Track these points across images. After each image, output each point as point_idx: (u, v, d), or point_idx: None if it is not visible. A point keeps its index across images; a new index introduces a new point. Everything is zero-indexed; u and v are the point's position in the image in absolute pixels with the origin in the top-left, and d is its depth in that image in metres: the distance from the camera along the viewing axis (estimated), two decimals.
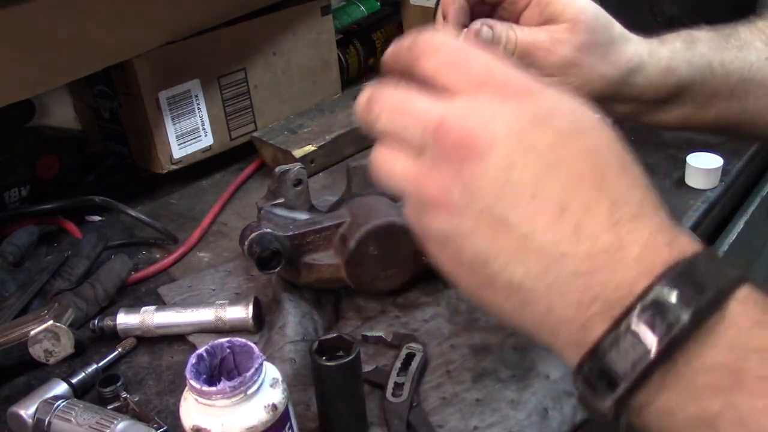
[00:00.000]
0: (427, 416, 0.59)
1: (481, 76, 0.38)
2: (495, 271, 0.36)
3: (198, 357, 0.51)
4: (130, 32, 0.86)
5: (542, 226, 0.35)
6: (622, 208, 0.35)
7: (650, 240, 0.34)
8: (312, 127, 1.01)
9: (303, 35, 1.05)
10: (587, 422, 0.61)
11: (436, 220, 0.38)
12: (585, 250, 0.34)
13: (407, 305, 0.72)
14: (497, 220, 0.36)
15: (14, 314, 0.72)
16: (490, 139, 0.36)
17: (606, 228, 0.34)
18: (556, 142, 0.36)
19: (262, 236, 0.67)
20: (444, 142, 0.37)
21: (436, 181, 0.37)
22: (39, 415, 0.59)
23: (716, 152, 0.88)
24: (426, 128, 0.38)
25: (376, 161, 0.41)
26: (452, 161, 0.36)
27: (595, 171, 0.36)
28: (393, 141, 0.40)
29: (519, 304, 0.36)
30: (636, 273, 0.33)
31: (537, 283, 0.35)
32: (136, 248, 0.87)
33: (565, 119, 0.37)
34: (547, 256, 0.35)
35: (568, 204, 0.35)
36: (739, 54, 0.60)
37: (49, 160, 0.96)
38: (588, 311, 0.34)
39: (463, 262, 0.38)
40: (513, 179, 0.35)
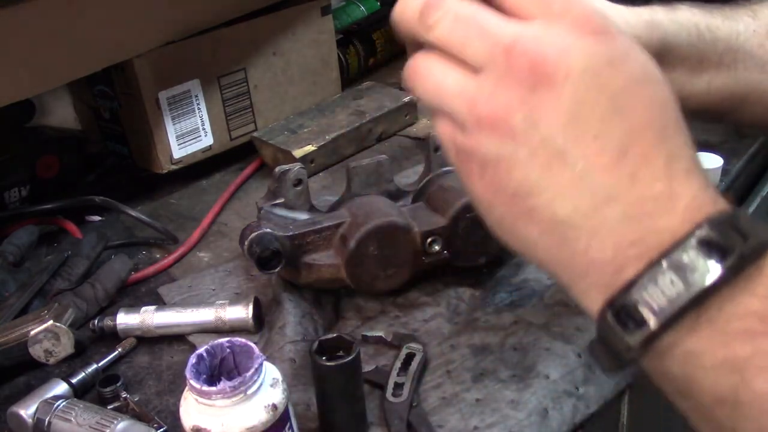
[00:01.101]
0: (427, 416, 0.59)
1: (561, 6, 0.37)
2: (540, 203, 0.36)
3: (198, 357, 0.51)
4: (130, 32, 0.86)
5: (600, 167, 0.35)
6: (677, 161, 0.35)
7: (698, 194, 0.35)
8: (312, 127, 1.01)
9: (303, 35, 1.05)
10: (587, 422, 0.61)
11: (487, 141, 0.37)
12: (637, 194, 0.34)
13: (407, 305, 0.72)
14: (556, 152, 0.35)
15: (14, 314, 0.72)
16: (566, 70, 0.35)
17: (661, 177, 0.34)
18: (627, 87, 0.35)
19: (262, 236, 0.67)
20: (516, 63, 0.35)
21: (497, 100, 0.36)
22: (39, 415, 0.59)
23: (716, 152, 0.88)
24: (495, 45, 0.36)
25: (418, 71, 0.39)
26: (521, 84, 0.35)
27: (659, 122, 0.36)
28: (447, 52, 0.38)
29: (556, 240, 0.36)
30: (681, 221, 0.34)
31: (583, 221, 0.35)
32: (136, 248, 0.87)
33: (637, 67, 0.37)
34: (599, 195, 0.35)
35: (628, 150, 0.35)
36: (725, 22, 0.59)
37: (49, 160, 0.96)
38: (626, 253, 0.34)
39: (505, 190, 0.37)
40: (581, 115, 0.35)
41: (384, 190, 0.76)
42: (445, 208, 0.70)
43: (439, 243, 0.70)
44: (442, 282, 0.74)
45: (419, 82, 0.39)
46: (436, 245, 0.70)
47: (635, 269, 0.34)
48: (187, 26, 0.92)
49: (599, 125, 0.35)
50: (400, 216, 0.70)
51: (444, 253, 0.70)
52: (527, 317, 0.68)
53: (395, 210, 0.71)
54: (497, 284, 0.74)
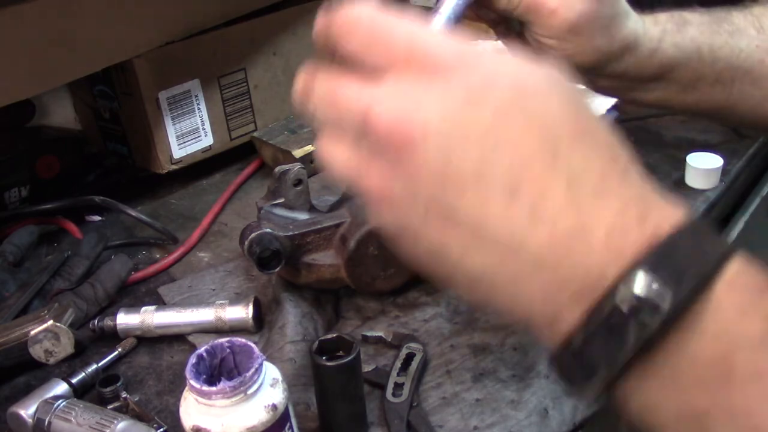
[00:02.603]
0: (427, 416, 0.59)
1: (404, 52, 0.34)
2: (453, 263, 0.34)
3: (198, 357, 0.51)
4: (130, 32, 0.86)
5: (493, 215, 0.32)
6: (580, 184, 0.31)
7: (618, 219, 0.31)
8: (312, 127, 1.01)
9: (303, 35, 1.05)
10: (587, 422, 0.61)
11: (386, 215, 0.35)
12: (545, 236, 0.31)
13: (407, 305, 0.72)
14: (445, 211, 0.33)
15: (14, 314, 0.72)
16: (422, 127, 0.32)
17: (565, 210, 0.31)
18: (495, 121, 0.32)
19: (262, 236, 0.67)
20: (375, 133, 0.33)
21: (376, 173, 0.34)
22: (39, 415, 0.59)
23: (716, 152, 0.88)
24: (356, 117, 0.34)
25: (319, 151, 0.37)
26: (387, 152, 0.33)
27: (546, 144, 0.32)
28: (332, 129, 0.36)
29: (484, 294, 0.34)
30: (606, 259, 0.30)
31: (497, 275, 0.33)
32: (136, 248, 0.87)
33: (505, 90, 0.33)
34: (504, 245, 0.32)
35: (518, 187, 0.31)
36: (729, 40, 0.58)
37: (49, 160, 0.96)
38: (556, 302, 0.32)
39: (422, 257, 0.35)
40: (453, 167, 0.32)
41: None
42: None
43: None
44: None
45: (323, 161, 0.38)
46: None
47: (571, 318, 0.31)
48: (187, 26, 0.92)
49: (478, 169, 0.32)
50: None
51: None
52: None
53: None
54: None
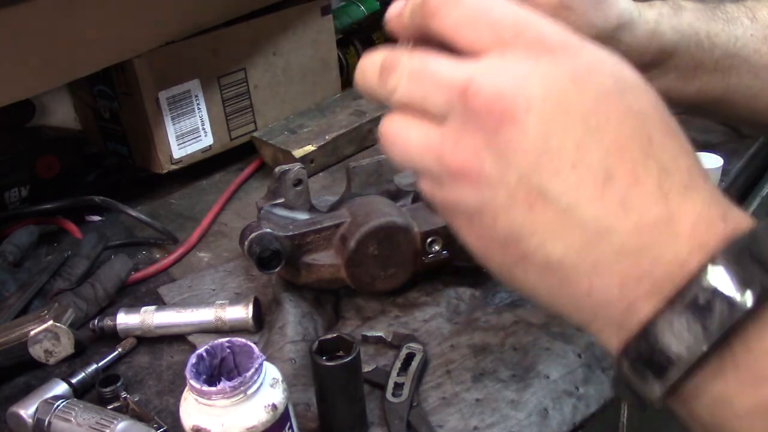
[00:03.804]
0: (427, 416, 0.59)
1: (510, 31, 0.34)
2: (531, 248, 0.33)
3: (198, 357, 0.51)
4: (130, 32, 0.86)
5: (585, 198, 0.32)
6: (671, 177, 0.32)
7: (703, 212, 0.31)
8: (312, 127, 1.01)
9: (303, 35, 1.05)
10: (587, 422, 0.61)
11: (464, 192, 0.34)
12: (632, 224, 0.31)
13: (407, 305, 0.72)
14: (534, 191, 0.32)
15: (14, 314, 0.72)
16: (526, 102, 0.32)
17: (655, 199, 0.31)
18: (598, 104, 0.32)
19: (262, 236, 0.67)
20: (473, 106, 0.33)
21: (463, 149, 0.34)
22: (39, 415, 0.59)
23: (716, 152, 0.88)
24: (451, 92, 0.34)
25: (387, 133, 0.37)
26: (483, 127, 0.33)
27: (642, 134, 0.32)
28: (409, 110, 0.36)
29: (556, 284, 0.34)
30: (689, 249, 0.31)
31: (578, 261, 0.32)
32: (136, 248, 0.87)
33: (607, 78, 0.33)
34: (591, 230, 0.32)
35: (613, 172, 0.32)
36: (725, 27, 0.58)
37: (49, 160, 0.96)
38: (634, 291, 0.31)
39: (495, 239, 0.34)
40: (552, 146, 0.32)
41: (384, 190, 0.76)
42: None
43: (439, 243, 0.70)
44: (442, 282, 0.74)
45: (389, 144, 0.37)
46: (436, 245, 0.70)
47: (647, 308, 0.31)
48: (187, 26, 0.92)
49: (574, 153, 0.32)
50: (400, 216, 0.70)
51: (444, 253, 0.70)
52: (527, 317, 0.68)
53: (395, 210, 0.71)
54: (497, 284, 0.74)
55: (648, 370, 0.31)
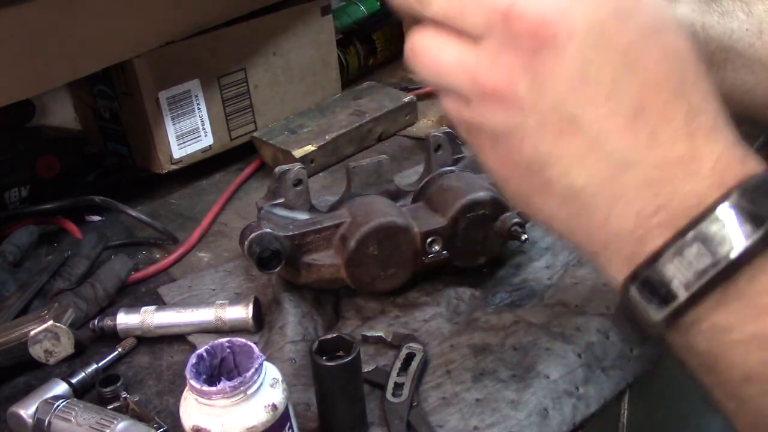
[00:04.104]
0: (427, 416, 0.59)
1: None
2: (555, 174, 0.34)
3: (198, 357, 0.51)
4: (130, 32, 0.86)
5: (616, 130, 0.33)
6: (698, 117, 0.33)
7: (724, 154, 0.32)
8: (312, 127, 1.01)
9: (303, 35, 1.05)
10: (587, 422, 0.61)
11: (495, 113, 0.35)
12: (658, 158, 0.32)
13: (407, 305, 0.72)
14: (566, 118, 0.33)
15: (14, 314, 0.72)
16: (568, 29, 0.33)
17: (681, 136, 0.32)
18: (637, 40, 0.33)
19: (262, 236, 0.67)
20: (515, 28, 0.33)
21: (500, 70, 0.34)
22: (39, 415, 0.59)
23: None
24: (492, 12, 0.34)
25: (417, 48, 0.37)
26: (522, 50, 0.33)
27: (675, 75, 0.33)
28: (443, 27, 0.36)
29: (575, 211, 0.35)
30: (708, 184, 0.32)
31: (601, 189, 0.33)
32: (136, 248, 0.87)
33: (648, 16, 0.34)
34: (617, 161, 0.33)
35: (644, 108, 0.33)
36: (720, 20, 0.58)
37: (49, 160, 0.96)
38: (649, 221, 0.32)
39: (519, 163, 0.35)
40: (590, 76, 0.33)
41: (384, 190, 0.76)
42: (445, 208, 0.70)
43: (439, 243, 0.70)
44: (442, 282, 0.74)
45: (419, 60, 0.38)
46: (436, 245, 0.70)
47: (660, 239, 0.32)
48: (187, 26, 0.92)
49: (610, 85, 0.33)
50: (400, 216, 0.70)
51: (444, 253, 0.70)
52: (527, 317, 0.68)
53: (395, 210, 0.71)
54: (497, 284, 0.74)
55: (655, 294, 0.32)
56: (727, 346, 0.32)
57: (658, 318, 0.32)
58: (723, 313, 0.32)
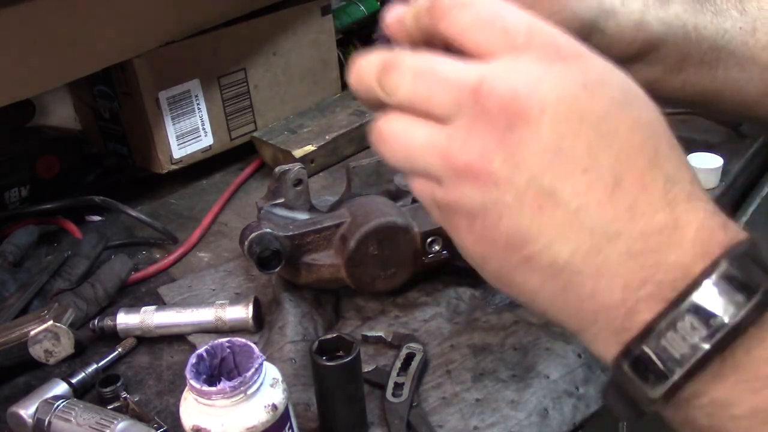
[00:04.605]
0: (427, 416, 0.59)
1: (523, 36, 0.34)
2: (537, 249, 0.33)
3: (198, 357, 0.51)
4: (130, 32, 0.86)
5: (595, 202, 0.32)
6: (676, 186, 0.33)
7: (705, 221, 0.32)
8: (312, 127, 1.01)
9: (303, 35, 1.05)
10: (587, 422, 0.61)
11: (469, 192, 0.34)
12: (639, 228, 0.32)
13: (407, 305, 0.72)
14: (544, 193, 0.33)
15: (14, 314, 0.72)
16: (539, 104, 0.32)
17: (661, 206, 0.32)
18: (608, 112, 0.33)
19: (262, 236, 0.67)
20: (485, 105, 0.33)
21: (472, 147, 0.34)
22: (39, 415, 0.59)
23: (716, 152, 0.88)
24: (460, 91, 0.34)
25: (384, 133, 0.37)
26: (494, 126, 0.33)
27: (649, 145, 0.33)
28: (412, 110, 0.36)
29: (559, 287, 0.34)
30: (692, 255, 0.31)
31: (585, 263, 0.33)
32: (136, 248, 0.87)
33: (617, 88, 0.34)
34: (599, 234, 0.32)
35: (622, 178, 0.32)
36: (713, 19, 0.57)
37: (49, 160, 0.96)
38: (636, 294, 0.32)
39: (497, 241, 0.34)
40: (565, 149, 0.32)
41: (384, 190, 0.76)
42: None
43: (439, 243, 0.70)
44: (442, 282, 0.74)
45: (386, 145, 0.37)
46: (436, 245, 0.70)
47: (649, 312, 0.31)
48: (187, 26, 0.92)
49: (586, 157, 0.32)
50: (400, 216, 0.70)
51: (444, 253, 0.70)
52: (527, 317, 0.68)
53: (395, 210, 0.71)
54: None
55: (650, 371, 0.31)
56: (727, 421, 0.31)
57: (654, 395, 0.31)
58: (721, 388, 0.31)
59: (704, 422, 0.32)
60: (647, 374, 0.31)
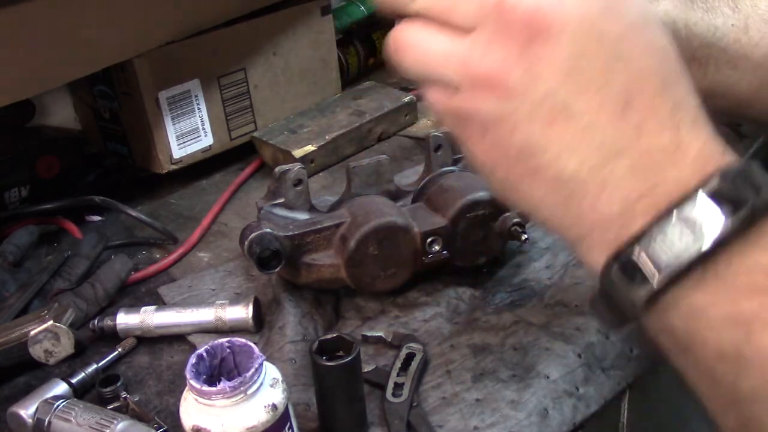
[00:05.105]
0: (427, 416, 0.59)
1: None
2: (545, 160, 0.35)
3: (198, 357, 0.51)
4: (130, 32, 0.86)
5: (606, 118, 0.34)
6: (682, 110, 0.34)
7: (707, 144, 0.34)
8: (312, 127, 1.01)
9: (303, 35, 1.05)
10: (587, 422, 0.61)
11: (487, 100, 0.35)
12: (645, 146, 0.34)
13: (407, 305, 0.72)
14: (558, 106, 0.34)
15: (14, 314, 0.72)
16: (561, 21, 0.34)
17: (667, 127, 0.34)
18: (625, 34, 0.35)
19: (262, 236, 0.67)
20: (509, 18, 0.34)
21: (493, 59, 0.35)
22: (39, 415, 0.59)
23: None
24: (485, 2, 0.35)
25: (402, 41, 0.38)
26: (517, 39, 0.34)
27: (661, 69, 0.35)
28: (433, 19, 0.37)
29: (563, 197, 0.35)
30: (691, 171, 0.33)
31: (590, 175, 0.34)
32: (136, 248, 0.87)
33: (634, 12, 0.36)
34: (606, 148, 0.34)
35: (633, 99, 0.34)
36: (704, 16, 0.58)
37: (49, 160, 0.96)
38: (635, 206, 0.33)
39: (508, 150, 0.36)
40: (582, 66, 0.34)
41: (384, 190, 0.76)
42: (445, 208, 0.70)
43: (439, 243, 0.70)
44: (442, 282, 0.74)
45: (405, 52, 0.38)
46: (436, 245, 0.70)
47: (643, 222, 0.33)
48: (187, 26, 0.92)
49: (601, 76, 0.34)
50: (400, 216, 0.70)
51: (444, 253, 0.70)
52: (527, 317, 0.68)
53: (395, 210, 0.71)
54: (497, 284, 0.74)
55: (636, 274, 0.33)
56: (703, 325, 0.33)
57: (638, 297, 0.33)
58: (701, 294, 0.32)
59: (680, 326, 0.33)
60: (634, 276, 0.33)
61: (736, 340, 0.32)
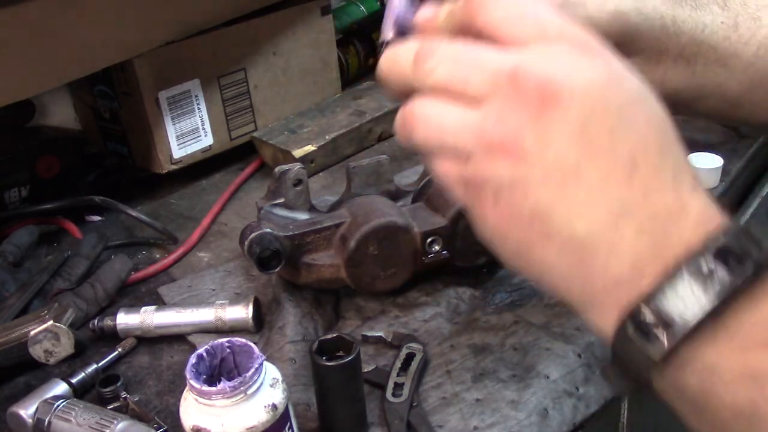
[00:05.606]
0: (427, 416, 0.59)
1: (554, 30, 0.38)
2: (557, 224, 0.36)
3: (198, 357, 0.51)
4: (130, 32, 0.86)
5: (614, 181, 0.35)
6: (682, 174, 0.36)
7: (706, 206, 0.35)
8: (312, 127, 1.01)
9: (303, 35, 1.05)
10: (587, 422, 0.61)
11: (501, 166, 0.37)
12: (651, 208, 0.35)
13: (407, 305, 0.72)
14: (570, 169, 0.35)
15: (14, 314, 0.72)
16: (571, 89, 0.36)
17: (670, 189, 0.35)
18: (628, 103, 0.36)
19: (262, 236, 0.67)
20: (521, 87, 0.36)
21: (506, 124, 0.36)
22: (39, 415, 0.59)
23: (716, 152, 0.88)
24: (498, 74, 0.37)
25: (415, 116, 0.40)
26: (528, 107, 0.36)
27: (660, 137, 0.37)
28: (446, 92, 0.39)
29: (575, 260, 0.36)
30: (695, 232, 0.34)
31: (601, 237, 0.35)
32: (136, 248, 0.87)
33: (633, 86, 0.38)
34: (616, 210, 0.35)
35: (638, 162, 0.35)
36: (692, 13, 0.57)
37: (49, 160, 0.96)
38: (644, 269, 0.34)
39: (521, 216, 0.37)
40: (591, 131, 0.35)
41: (384, 190, 0.76)
42: (445, 208, 0.70)
43: (439, 243, 0.70)
44: (442, 282, 0.74)
45: (419, 126, 0.40)
46: (436, 245, 0.70)
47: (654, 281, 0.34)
48: (187, 26, 0.92)
49: (609, 140, 0.35)
50: (400, 216, 0.70)
51: (444, 253, 0.70)
52: (527, 317, 0.68)
53: (395, 210, 0.71)
54: (497, 284, 0.74)
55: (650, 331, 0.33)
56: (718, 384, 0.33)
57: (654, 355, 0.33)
58: (713, 350, 0.33)
59: (695, 386, 0.34)
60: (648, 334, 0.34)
61: (751, 396, 0.32)
